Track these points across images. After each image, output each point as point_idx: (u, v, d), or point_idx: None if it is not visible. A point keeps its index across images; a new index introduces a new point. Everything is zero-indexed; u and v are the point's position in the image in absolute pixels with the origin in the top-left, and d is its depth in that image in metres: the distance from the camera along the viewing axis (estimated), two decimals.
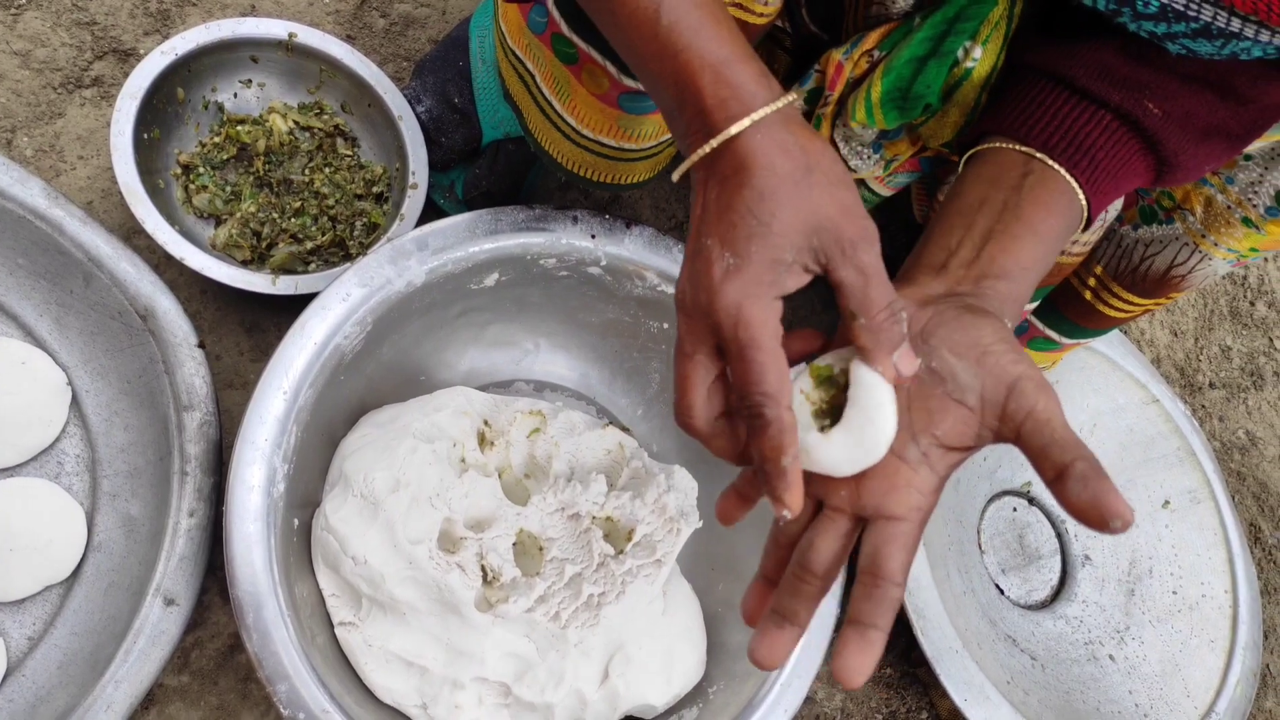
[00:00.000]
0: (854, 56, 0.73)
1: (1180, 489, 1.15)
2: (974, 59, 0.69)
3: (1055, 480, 0.48)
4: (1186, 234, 0.82)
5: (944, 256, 0.59)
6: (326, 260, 0.95)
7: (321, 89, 0.99)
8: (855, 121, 0.73)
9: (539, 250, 0.88)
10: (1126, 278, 0.88)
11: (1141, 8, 0.58)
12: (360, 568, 0.78)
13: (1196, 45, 0.59)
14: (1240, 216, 0.77)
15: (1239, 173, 0.75)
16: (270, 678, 0.71)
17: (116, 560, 0.82)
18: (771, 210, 0.49)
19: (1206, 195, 0.78)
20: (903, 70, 0.70)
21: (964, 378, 0.51)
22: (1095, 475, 0.46)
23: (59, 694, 0.77)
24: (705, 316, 0.50)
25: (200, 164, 0.93)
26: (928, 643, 0.88)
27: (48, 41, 0.96)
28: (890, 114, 0.72)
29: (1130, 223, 0.85)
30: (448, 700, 0.79)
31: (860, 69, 0.73)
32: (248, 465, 0.75)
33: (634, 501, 0.88)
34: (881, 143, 0.77)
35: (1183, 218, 0.81)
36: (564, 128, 0.80)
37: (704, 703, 0.87)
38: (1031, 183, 0.62)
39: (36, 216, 0.81)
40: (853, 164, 0.79)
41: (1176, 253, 0.83)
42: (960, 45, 0.68)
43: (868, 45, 0.72)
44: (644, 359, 1.00)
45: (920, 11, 0.71)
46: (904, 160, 0.79)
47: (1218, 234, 0.79)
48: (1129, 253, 0.86)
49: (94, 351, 0.85)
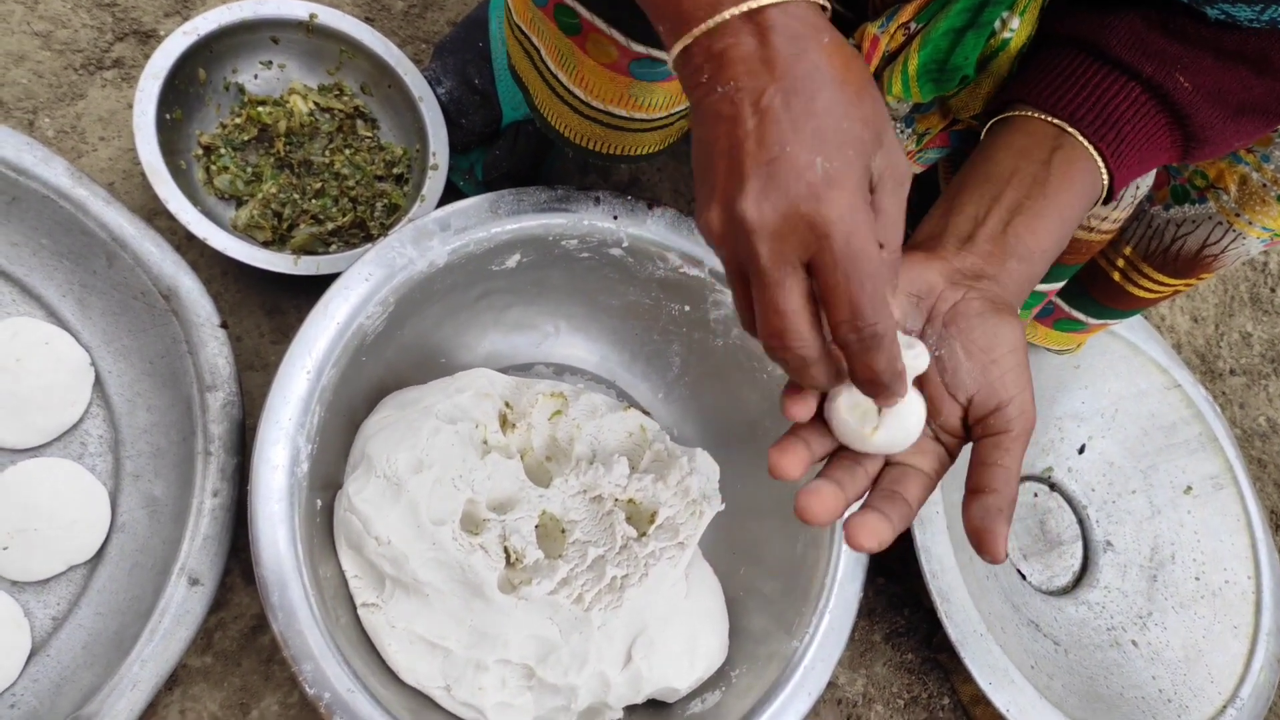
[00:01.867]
0: (890, 30, 0.72)
1: (1202, 475, 1.14)
2: (1011, 29, 0.68)
3: (972, 491, 0.52)
4: (1220, 213, 0.81)
5: (971, 227, 0.61)
6: (347, 241, 0.95)
7: (341, 70, 0.99)
8: (891, 95, 0.73)
9: (561, 231, 0.88)
10: (1157, 258, 0.88)
11: None
12: (383, 548, 0.79)
13: (1236, 10, 0.59)
14: (1276, 194, 0.77)
15: (1275, 150, 0.75)
16: (295, 657, 0.71)
17: (140, 540, 0.82)
18: (858, 114, 0.45)
19: (1241, 173, 0.78)
20: (940, 42, 0.69)
21: (964, 377, 0.55)
22: (999, 513, 0.51)
23: (84, 673, 0.77)
24: (804, 232, 0.44)
25: (221, 145, 0.93)
26: (952, 626, 0.88)
27: (68, 23, 0.96)
28: (926, 86, 0.71)
29: (1161, 203, 0.85)
30: (471, 682, 0.79)
31: (897, 42, 0.73)
32: (272, 444, 0.75)
33: (656, 484, 0.88)
34: (914, 116, 0.77)
35: (1216, 196, 0.81)
36: (571, 100, 0.79)
37: (726, 686, 0.87)
38: (1060, 160, 0.63)
39: (60, 196, 0.80)
40: None
41: (1210, 232, 0.83)
42: (998, 15, 0.68)
43: (904, 18, 0.72)
44: (664, 342, 1.00)
45: None
46: (934, 135, 0.78)
47: (1253, 212, 0.79)
48: (1160, 233, 0.86)
49: (117, 332, 0.85)
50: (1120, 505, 1.14)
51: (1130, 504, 1.14)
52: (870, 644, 1.02)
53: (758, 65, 0.45)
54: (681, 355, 1.00)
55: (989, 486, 0.52)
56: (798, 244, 0.44)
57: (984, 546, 0.51)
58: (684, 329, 0.98)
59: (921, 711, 1.02)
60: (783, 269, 0.45)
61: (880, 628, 1.03)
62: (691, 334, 0.97)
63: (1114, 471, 1.15)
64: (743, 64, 0.45)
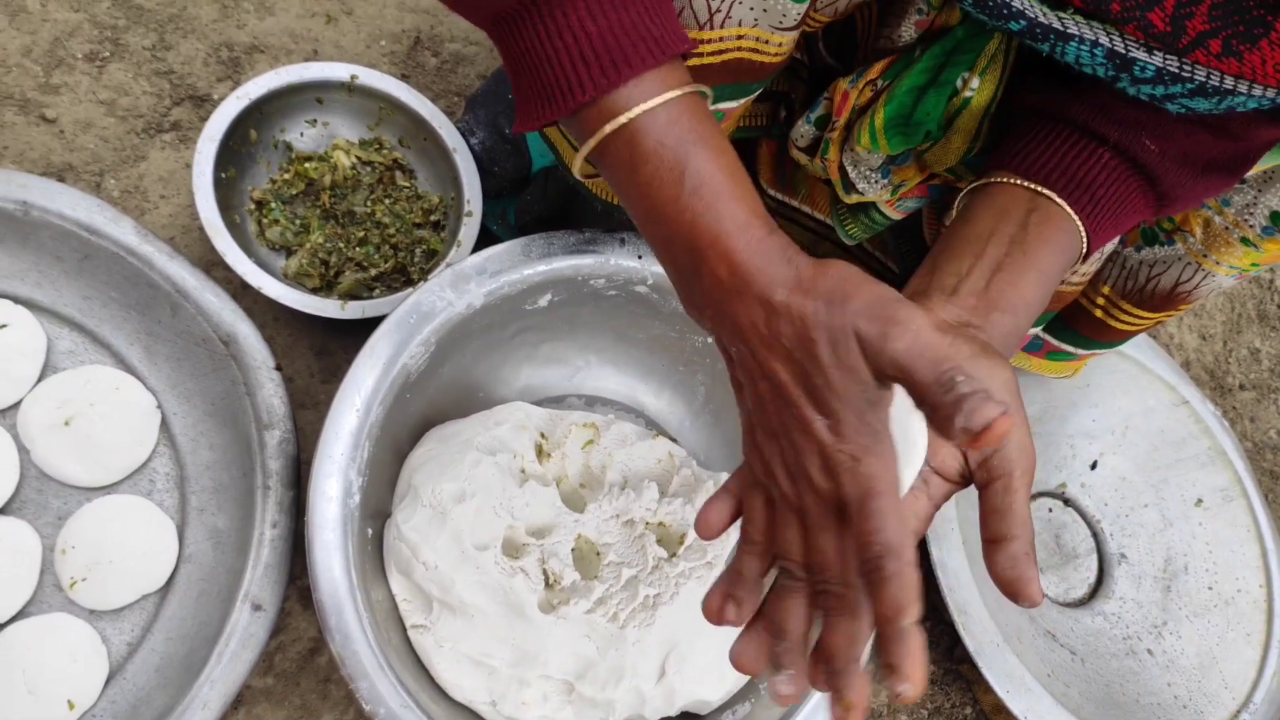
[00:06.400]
0: (859, 85, 0.76)
1: (1212, 487, 1.17)
2: (972, 89, 0.72)
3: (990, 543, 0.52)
4: (1188, 254, 0.84)
5: (955, 281, 0.62)
6: (389, 285, 1.00)
7: (381, 125, 1.05)
8: (860, 146, 0.77)
9: (589, 271, 0.92)
10: (1134, 296, 0.90)
11: (1139, 72, 0.60)
12: (431, 573, 0.83)
13: (1194, 104, 0.62)
14: (1239, 236, 0.79)
15: (1234, 195, 0.78)
16: (352, 675, 0.74)
17: (206, 570, 0.87)
18: (843, 354, 0.47)
19: (1205, 217, 0.81)
20: (904, 98, 0.73)
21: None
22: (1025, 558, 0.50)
23: (158, 695, 0.81)
24: (827, 495, 0.48)
25: (272, 199, 0.99)
26: (969, 638, 0.92)
27: (130, 90, 1.03)
28: (894, 139, 0.75)
29: (1133, 244, 0.87)
30: (515, 698, 0.83)
31: (865, 97, 0.76)
32: (326, 478, 0.79)
33: (685, 507, 0.92)
34: (890, 168, 0.80)
35: (1183, 239, 0.83)
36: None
37: (755, 699, 0.90)
38: (1037, 219, 0.65)
39: (129, 253, 0.86)
40: (860, 186, 0.81)
41: (1180, 271, 0.85)
42: (959, 75, 0.72)
43: (872, 75, 0.75)
44: (689, 373, 1.04)
45: (922, 44, 0.74)
46: (912, 186, 0.81)
47: (1218, 253, 0.81)
48: (1134, 273, 0.88)
49: (180, 376, 0.91)
50: (1133, 519, 1.17)
51: (1143, 517, 1.17)
52: None
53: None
54: (705, 384, 1.04)
55: (1008, 534, 0.51)
56: (828, 505, 0.49)
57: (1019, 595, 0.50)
58: (707, 360, 1.01)
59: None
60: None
61: None
62: (714, 364, 1.01)
63: (1126, 486, 1.18)
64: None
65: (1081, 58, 0.62)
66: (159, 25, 1.06)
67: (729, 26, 0.64)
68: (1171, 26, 0.56)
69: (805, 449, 0.49)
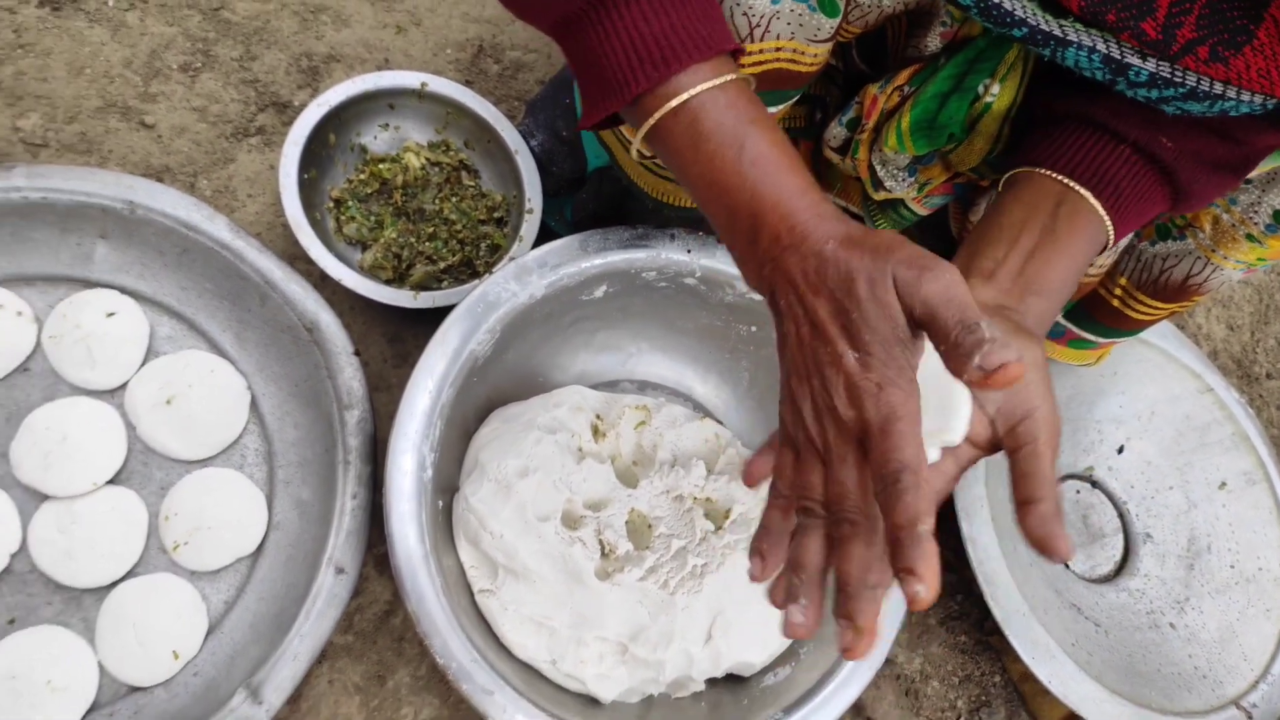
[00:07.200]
0: (887, 91, 0.80)
1: (1236, 471, 1.20)
2: (993, 94, 0.76)
3: (1021, 504, 0.55)
4: (1198, 249, 0.88)
5: (992, 265, 0.67)
6: (457, 278, 1.07)
7: (448, 129, 1.12)
8: (888, 148, 0.81)
9: (642, 264, 0.97)
10: (1149, 287, 0.94)
11: (1134, 76, 0.64)
12: (497, 541, 0.88)
13: (1188, 106, 0.65)
14: (1244, 233, 0.83)
15: (1240, 194, 0.82)
16: (427, 633, 0.80)
17: (293, 536, 0.94)
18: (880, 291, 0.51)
19: (1214, 215, 0.85)
20: (929, 104, 0.78)
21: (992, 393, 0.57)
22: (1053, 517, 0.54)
23: (252, 648, 0.88)
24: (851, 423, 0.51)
25: (349, 198, 1.07)
26: (997, 608, 0.97)
27: (220, 98, 1.11)
28: (919, 142, 0.79)
29: (1148, 239, 0.92)
30: (573, 657, 0.88)
31: (893, 102, 0.81)
32: (402, 453, 0.85)
33: (730, 484, 0.98)
34: (916, 167, 0.85)
35: (1194, 234, 0.87)
36: (647, 164, 0.88)
37: (796, 662, 0.95)
38: (1067, 211, 0.69)
39: (222, 247, 0.94)
40: (888, 184, 0.86)
41: (1191, 265, 0.89)
42: (980, 82, 0.76)
43: (899, 81, 0.80)
44: (734, 359, 1.09)
45: (946, 53, 0.79)
46: (938, 184, 0.86)
47: (1225, 248, 0.86)
48: (1149, 266, 0.93)
49: (268, 360, 0.98)
50: (1158, 500, 1.21)
51: (1168, 499, 1.21)
52: (926, 627, 1.11)
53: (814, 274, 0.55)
54: (750, 370, 1.09)
55: (1036, 496, 0.54)
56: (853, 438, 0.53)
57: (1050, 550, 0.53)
58: (751, 347, 1.06)
59: (975, 688, 1.10)
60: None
61: (935, 613, 1.12)
62: (758, 351, 1.06)
63: (1151, 470, 1.22)
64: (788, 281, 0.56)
65: (1080, 62, 0.66)
66: (245, 38, 1.14)
67: (769, 40, 0.70)
68: (1163, 34, 0.60)
69: (833, 381, 0.52)
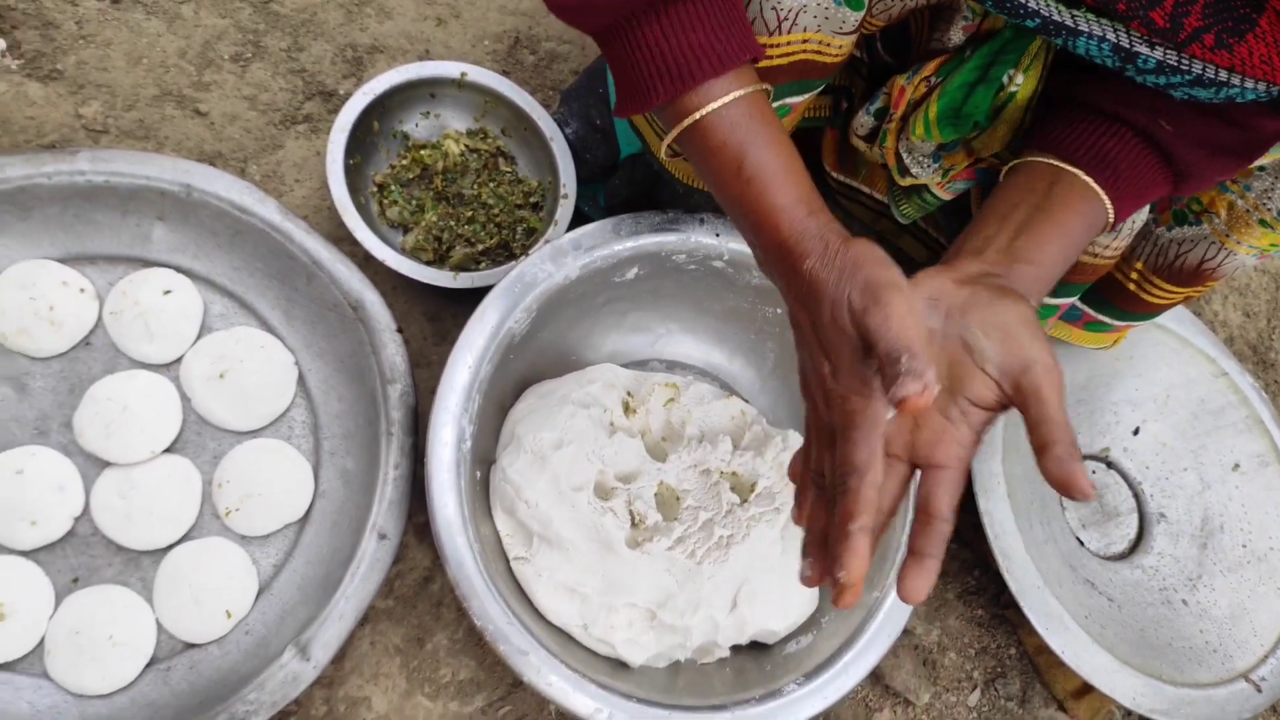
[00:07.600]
0: (914, 81, 0.83)
1: (1249, 453, 1.22)
2: (1017, 84, 0.79)
3: (1039, 450, 0.57)
4: (1213, 234, 0.89)
5: (982, 244, 0.70)
6: (494, 260, 1.11)
7: (486, 117, 1.16)
8: (915, 136, 0.84)
9: (672, 248, 1.00)
10: (1164, 271, 0.96)
11: (1142, 64, 0.66)
12: (532, 510, 0.92)
13: (1195, 92, 0.67)
14: (1258, 219, 0.85)
15: (1254, 181, 0.84)
16: (465, 595, 0.84)
17: (338, 504, 0.98)
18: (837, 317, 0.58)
19: (1229, 200, 0.87)
20: (955, 94, 0.81)
21: (989, 352, 0.60)
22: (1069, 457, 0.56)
23: (300, 609, 0.92)
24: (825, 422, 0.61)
25: (391, 183, 1.11)
26: (1013, 580, 1.00)
27: (269, 87, 1.16)
28: (945, 130, 0.82)
29: (1165, 224, 0.94)
30: (604, 622, 0.92)
31: (920, 92, 0.84)
32: (442, 426, 0.89)
33: (755, 459, 1.01)
34: (940, 154, 0.88)
35: (1209, 220, 0.89)
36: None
37: (817, 630, 0.98)
38: (1059, 189, 0.72)
39: (273, 229, 0.98)
40: (914, 170, 0.89)
41: (1206, 250, 0.91)
42: (1005, 73, 0.79)
43: (926, 72, 0.83)
44: (760, 340, 1.12)
45: (971, 45, 0.82)
46: (961, 170, 0.89)
47: (1240, 233, 0.87)
48: (1164, 250, 0.94)
49: (314, 337, 1.02)
50: (1173, 481, 1.23)
51: (1182, 480, 1.23)
52: (944, 600, 1.14)
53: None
54: (775, 351, 1.12)
55: (1050, 439, 0.56)
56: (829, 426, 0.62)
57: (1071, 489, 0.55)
58: (776, 328, 1.10)
59: (990, 659, 1.13)
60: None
61: (953, 587, 1.15)
62: (783, 333, 1.09)
63: (1166, 451, 1.24)
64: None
65: (1090, 51, 0.68)
66: (293, 29, 1.19)
67: (795, 32, 0.73)
68: (1170, 23, 0.62)
69: (815, 385, 0.62)
